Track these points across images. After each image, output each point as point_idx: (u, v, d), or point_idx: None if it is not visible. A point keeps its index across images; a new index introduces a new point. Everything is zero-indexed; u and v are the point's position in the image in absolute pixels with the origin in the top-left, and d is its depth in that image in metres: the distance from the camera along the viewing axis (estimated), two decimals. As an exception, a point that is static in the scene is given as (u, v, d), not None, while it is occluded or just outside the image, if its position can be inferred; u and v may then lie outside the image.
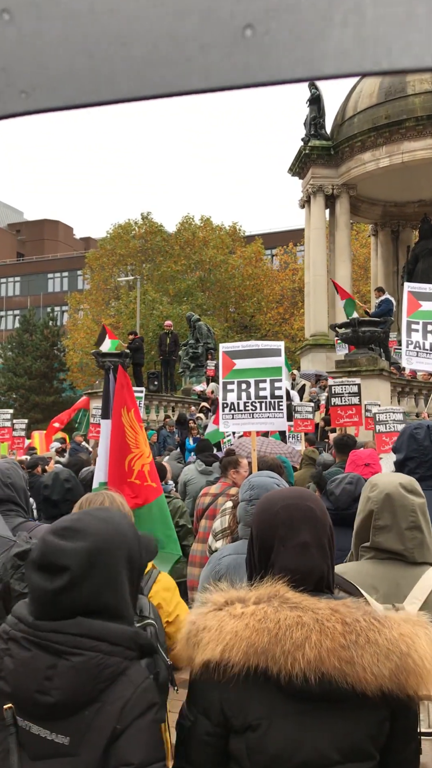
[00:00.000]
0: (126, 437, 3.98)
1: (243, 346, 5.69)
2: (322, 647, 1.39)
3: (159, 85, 0.52)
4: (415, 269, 21.06)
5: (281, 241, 44.40)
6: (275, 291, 39.95)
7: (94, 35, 0.52)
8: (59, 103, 0.53)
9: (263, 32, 0.50)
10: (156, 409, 19.92)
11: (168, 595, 2.63)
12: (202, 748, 1.51)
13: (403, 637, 1.43)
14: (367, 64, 0.50)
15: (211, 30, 0.51)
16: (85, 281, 46.60)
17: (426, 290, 5.62)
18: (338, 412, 9.52)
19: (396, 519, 2.10)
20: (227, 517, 4.64)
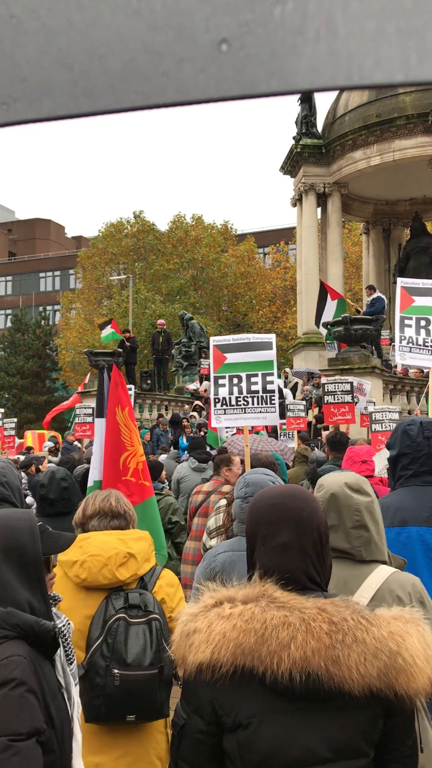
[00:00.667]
0: (121, 435, 4.00)
1: (234, 340, 5.61)
2: (307, 647, 1.40)
3: (136, 98, 0.53)
4: (407, 267, 21.12)
5: (273, 239, 44.43)
6: (267, 289, 39.98)
7: (73, 49, 0.53)
8: (39, 115, 0.55)
9: (238, 47, 0.51)
10: (149, 408, 19.90)
11: (171, 591, 2.66)
12: (195, 746, 1.53)
13: (392, 635, 1.43)
14: (339, 78, 0.51)
15: (187, 44, 0.52)
16: (77, 280, 46.46)
17: (419, 285, 5.60)
18: (331, 410, 9.56)
19: (342, 519, 2.12)
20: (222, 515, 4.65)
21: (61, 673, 1.78)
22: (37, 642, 1.65)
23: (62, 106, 0.54)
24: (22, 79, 0.54)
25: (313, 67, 0.51)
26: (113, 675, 2.39)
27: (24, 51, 0.54)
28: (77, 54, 0.53)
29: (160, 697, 2.44)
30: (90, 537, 2.61)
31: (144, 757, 2.49)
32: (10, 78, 0.54)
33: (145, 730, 2.52)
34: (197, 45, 0.52)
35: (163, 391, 21.32)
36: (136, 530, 2.73)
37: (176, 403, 20.46)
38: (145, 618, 2.48)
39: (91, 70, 0.53)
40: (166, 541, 6.09)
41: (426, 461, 2.83)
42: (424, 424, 2.89)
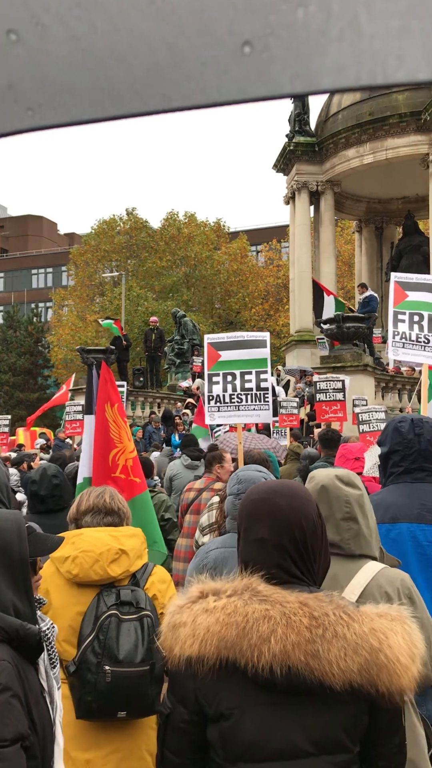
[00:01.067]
0: (110, 432, 3.99)
1: (228, 337, 5.63)
2: (287, 641, 1.40)
3: (160, 102, 0.54)
4: (399, 265, 21.16)
5: (266, 237, 44.43)
6: (260, 287, 39.99)
7: (98, 54, 0.54)
8: (64, 120, 0.55)
9: (261, 49, 0.52)
10: (141, 406, 19.89)
11: (163, 587, 2.66)
12: (179, 735, 1.54)
13: (374, 632, 1.42)
14: (363, 77, 0.51)
15: (211, 47, 0.52)
16: (70, 277, 46.34)
17: (413, 280, 5.56)
18: (323, 407, 9.57)
19: (331, 510, 2.11)
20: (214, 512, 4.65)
21: (44, 676, 1.77)
22: (22, 646, 1.64)
23: (87, 110, 0.55)
24: (48, 84, 0.55)
25: (337, 67, 0.51)
26: (104, 671, 2.39)
27: (50, 57, 0.54)
28: (102, 59, 0.54)
29: (152, 693, 2.45)
30: (82, 533, 2.61)
31: (135, 753, 2.50)
32: (37, 84, 0.55)
33: (136, 726, 2.52)
34: (221, 47, 0.52)
35: (155, 389, 21.30)
36: (129, 527, 2.74)
37: (169, 400, 20.45)
38: (136, 615, 2.48)
39: (116, 75, 0.54)
40: (159, 539, 6.11)
41: (417, 458, 2.84)
42: (415, 421, 2.90)
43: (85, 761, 2.44)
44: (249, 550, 1.57)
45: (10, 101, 0.56)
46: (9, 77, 0.55)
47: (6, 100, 0.56)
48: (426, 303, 5.31)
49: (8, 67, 0.55)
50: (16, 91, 0.56)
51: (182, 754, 1.55)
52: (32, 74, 0.55)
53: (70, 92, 0.55)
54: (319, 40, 0.51)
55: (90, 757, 2.45)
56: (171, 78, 0.53)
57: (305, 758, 1.44)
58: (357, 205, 23.96)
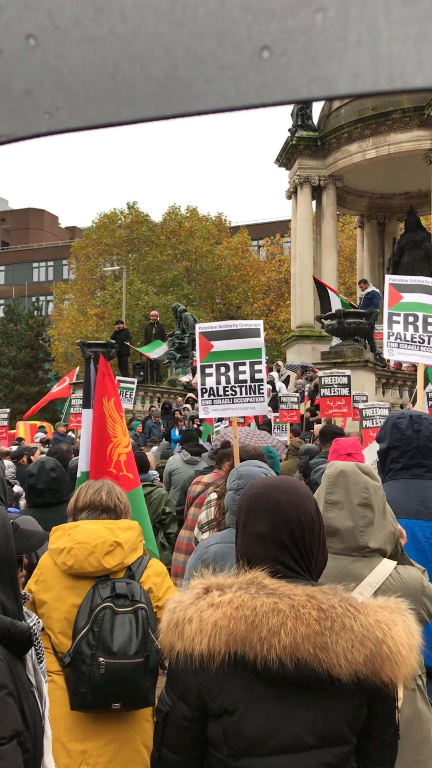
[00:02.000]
0: (107, 427, 3.99)
1: (221, 327, 5.44)
2: (297, 633, 1.41)
3: (178, 105, 0.54)
4: (401, 261, 21.16)
5: (268, 232, 44.37)
6: (261, 282, 39.95)
7: (116, 57, 0.54)
8: (81, 124, 0.56)
9: (280, 53, 0.52)
10: (141, 400, 19.90)
11: (159, 580, 2.68)
12: (179, 732, 1.53)
13: (378, 623, 1.44)
14: (381, 83, 0.51)
15: (229, 51, 0.52)
16: (71, 271, 46.27)
17: (407, 282, 5.59)
18: (327, 403, 9.54)
19: (348, 495, 2.12)
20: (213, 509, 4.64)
21: (32, 672, 1.78)
22: (12, 642, 1.65)
23: (105, 114, 0.55)
24: (66, 88, 0.55)
25: (354, 72, 0.51)
26: (99, 663, 2.41)
27: (67, 61, 0.55)
28: (120, 63, 0.54)
29: (146, 685, 2.47)
30: (78, 525, 2.63)
31: (130, 745, 2.52)
32: (54, 88, 0.55)
33: (131, 718, 2.54)
34: (239, 52, 0.52)
35: (155, 383, 21.31)
36: (125, 520, 2.75)
37: (169, 395, 20.46)
38: (131, 607, 2.50)
39: (134, 79, 0.54)
40: (159, 533, 6.12)
41: (415, 454, 2.85)
42: (414, 418, 2.91)
43: (80, 752, 2.46)
44: (247, 544, 1.57)
45: (28, 105, 0.56)
46: (27, 82, 0.56)
47: (24, 104, 0.56)
48: (421, 304, 5.34)
49: (27, 71, 0.55)
50: (34, 95, 0.56)
51: (182, 751, 1.55)
52: (50, 78, 0.55)
53: (88, 96, 0.55)
54: (337, 45, 0.51)
55: (86, 748, 2.47)
56: (189, 82, 0.53)
57: (308, 751, 1.45)
58: (359, 201, 23.91)
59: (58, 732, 2.47)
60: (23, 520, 3.26)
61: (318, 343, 20.44)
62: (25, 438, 14.36)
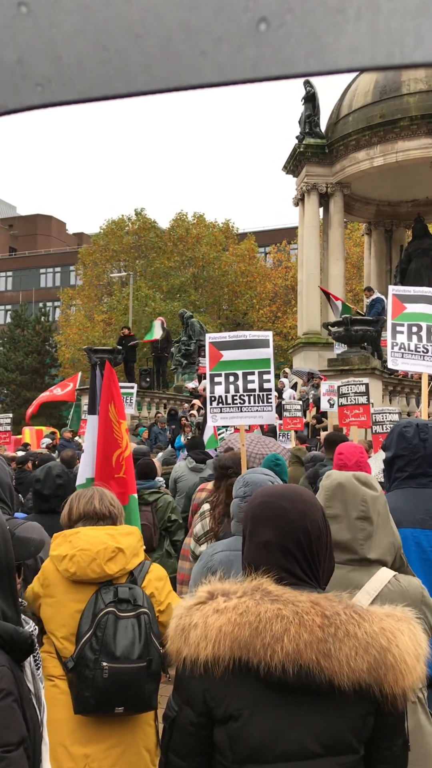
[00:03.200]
0: (114, 432, 4.00)
1: (230, 337, 5.51)
2: (300, 640, 1.40)
3: (172, 79, 0.52)
4: (408, 268, 21.13)
5: (275, 238, 44.41)
6: (268, 288, 39.97)
7: (109, 27, 0.52)
8: (74, 96, 0.54)
9: (277, 26, 0.50)
10: (148, 406, 19.91)
11: (160, 585, 2.69)
12: (186, 738, 1.53)
13: (384, 631, 1.43)
14: (380, 57, 0.50)
15: (225, 23, 0.51)
16: (78, 277, 46.43)
17: (410, 293, 5.62)
18: (344, 411, 9.48)
19: (346, 509, 2.09)
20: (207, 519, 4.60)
21: (30, 678, 1.79)
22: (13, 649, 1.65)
23: (97, 86, 0.53)
24: (57, 58, 0.53)
25: (353, 47, 0.50)
26: (102, 668, 2.43)
27: (60, 30, 0.53)
28: (113, 33, 0.52)
29: (148, 689, 2.48)
30: (79, 531, 2.64)
31: (133, 748, 2.53)
32: (46, 58, 0.53)
33: (133, 722, 2.56)
34: (236, 24, 0.51)
35: (162, 390, 21.33)
36: (125, 525, 2.77)
37: (175, 401, 20.47)
38: (134, 612, 2.52)
39: (127, 50, 0.52)
40: (166, 540, 6.11)
41: (421, 463, 2.84)
42: (420, 426, 2.90)
43: (84, 756, 2.48)
44: (254, 553, 1.57)
45: (19, 76, 0.54)
46: (19, 51, 0.54)
47: (15, 75, 0.54)
48: (424, 314, 5.38)
49: (18, 40, 0.53)
50: (26, 65, 0.54)
51: (189, 757, 1.54)
52: (42, 48, 0.53)
53: (81, 68, 0.53)
54: (336, 19, 0.50)
55: (89, 751, 2.48)
56: (184, 54, 0.52)
57: (313, 759, 1.44)
58: (366, 208, 23.91)
59: (61, 736, 2.48)
60: (29, 526, 3.27)
61: (324, 350, 20.41)
62: (31, 443, 14.38)
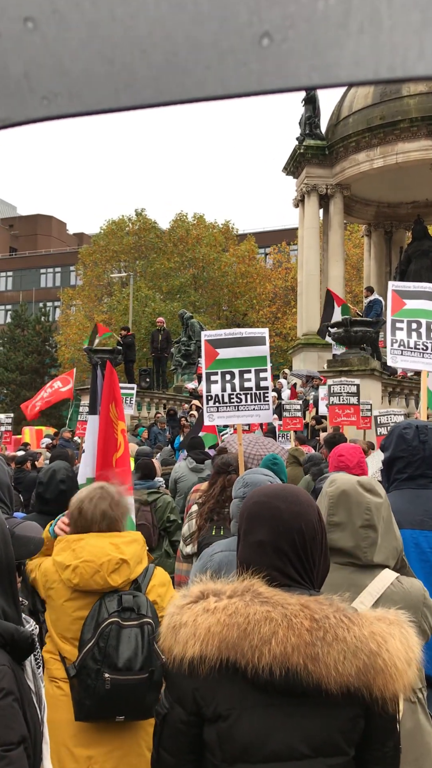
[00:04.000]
0: (114, 432, 4.00)
1: (226, 334, 5.44)
2: (287, 643, 1.40)
3: (177, 92, 0.53)
4: (408, 270, 21.13)
5: (274, 239, 44.41)
6: (268, 289, 39.97)
7: (115, 42, 0.53)
8: (79, 109, 0.55)
9: (280, 40, 0.51)
10: (147, 406, 19.91)
11: (163, 590, 2.67)
12: (176, 735, 1.54)
13: (374, 635, 1.43)
14: (382, 71, 0.51)
15: (229, 38, 0.52)
16: (78, 277, 46.44)
17: (410, 288, 5.56)
18: (336, 411, 9.50)
19: (350, 516, 2.08)
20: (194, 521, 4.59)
21: (31, 677, 1.79)
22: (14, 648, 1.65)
23: (103, 99, 0.54)
24: (64, 72, 0.54)
25: (355, 60, 0.51)
26: (104, 679, 2.41)
27: (66, 45, 0.54)
28: (119, 47, 0.53)
29: (150, 699, 2.46)
30: (83, 539, 2.60)
31: (135, 750, 2.53)
32: (52, 72, 0.54)
33: (136, 725, 2.56)
34: (240, 38, 0.52)
35: (161, 390, 21.32)
36: (129, 532, 2.73)
37: (175, 401, 20.47)
38: (137, 621, 2.49)
39: (133, 64, 0.53)
40: (164, 540, 6.11)
41: (421, 465, 2.84)
42: (420, 428, 2.90)
43: (86, 758, 2.47)
44: (248, 552, 1.58)
45: (26, 90, 0.55)
46: (25, 66, 0.55)
47: (21, 88, 0.55)
48: (424, 311, 5.30)
49: (25, 55, 0.54)
50: (32, 79, 0.55)
51: (179, 754, 1.56)
52: (48, 62, 0.54)
53: (86, 81, 0.54)
54: (339, 33, 0.50)
55: (92, 753, 2.48)
56: (188, 68, 0.52)
57: (301, 760, 1.45)
58: (366, 209, 23.92)
59: (64, 737, 2.48)
60: (27, 526, 3.26)
61: (324, 351, 20.40)
62: (30, 443, 14.38)
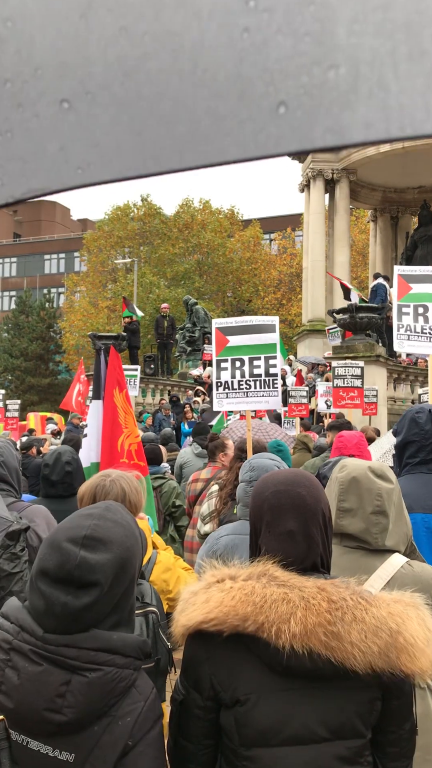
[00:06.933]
0: (118, 417, 4.01)
1: (236, 322, 5.53)
2: (307, 622, 1.40)
3: (200, 158, 0.59)
4: (414, 255, 21.03)
5: (280, 225, 44.21)
6: (273, 276, 39.84)
7: (142, 117, 0.59)
8: (110, 177, 0.61)
9: (295, 107, 0.56)
10: (152, 393, 19.92)
11: (167, 576, 2.66)
12: (193, 721, 1.54)
13: (392, 615, 1.43)
14: (393, 130, 0.55)
15: (248, 108, 0.57)
16: (83, 263, 46.34)
17: (416, 272, 5.56)
18: (340, 393, 9.46)
19: (361, 503, 2.07)
20: (214, 500, 4.63)
21: None
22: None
23: (132, 167, 0.60)
24: (96, 145, 0.61)
25: (367, 122, 0.55)
26: None
27: (98, 121, 0.60)
28: (146, 121, 0.59)
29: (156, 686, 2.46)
30: None
31: None
32: (86, 145, 0.61)
33: None
34: (257, 108, 0.57)
35: (166, 376, 21.33)
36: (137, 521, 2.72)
37: (179, 388, 20.47)
38: (141, 610, 2.48)
39: (158, 135, 0.59)
40: (170, 525, 6.11)
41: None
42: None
43: None
44: (277, 542, 1.55)
45: (62, 161, 0.62)
46: (61, 140, 0.62)
47: (58, 160, 0.62)
48: (430, 294, 5.30)
49: (61, 131, 0.62)
50: (67, 152, 0.62)
51: (196, 740, 1.55)
52: (82, 137, 0.61)
53: (117, 152, 0.60)
54: (350, 98, 0.55)
55: None
56: (210, 137, 0.58)
57: (320, 743, 1.45)
58: (372, 194, 23.75)
59: None
60: (35, 510, 3.26)
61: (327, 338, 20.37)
62: (36, 429, 14.41)
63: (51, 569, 1.40)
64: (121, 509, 1.55)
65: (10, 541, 2.48)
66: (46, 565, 1.41)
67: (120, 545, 1.44)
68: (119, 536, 1.46)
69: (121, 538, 1.45)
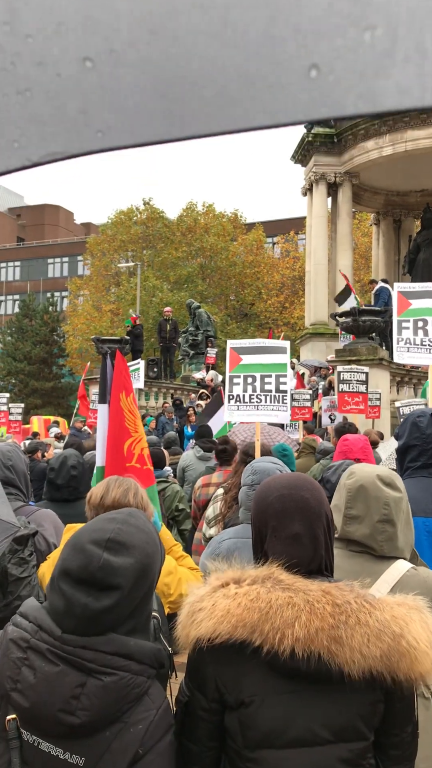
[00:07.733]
0: (125, 422, 4.00)
1: (250, 343, 5.83)
2: (311, 626, 1.41)
3: (226, 123, 0.55)
4: (417, 259, 21.00)
5: (282, 228, 44.20)
6: (275, 279, 39.82)
7: (168, 78, 0.56)
8: (131, 141, 0.58)
9: (328, 71, 0.53)
10: (155, 396, 19.93)
11: (168, 579, 2.65)
12: (198, 723, 1.55)
13: (395, 619, 1.44)
14: (427, 98, 0.52)
15: (278, 71, 0.54)
16: (86, 267, 46.41)
17: (416, 289, 5.75)
18: (345, 398, 9.46)
19: (368, 510, 2.08)
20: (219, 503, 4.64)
21: None
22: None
23: (155, 132, 0.57)
24: (118, 107, 0.57)
25: (401, 88, 0.52)
26: None
27: (121, 82, 0.57)
28: (172, 83, 0.56)
29: None
30: None
31: None
32: (108, 108, 0.58)
33: None
34: (288, 71, 0.54)
35: (169, 380, 21.34)
36: None
37: (182, 391, 20.47)
38: None
39: (185, 98, 0.56)
40: (172, 529, 6.12)
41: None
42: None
43: None
44: (283, 546, 1.56)
45: (82, 124, 0.58)
46: (82, 102, 0.58)
47: (78, 123, 0.58)
48: (429, 309, 5.48)
49: (82, 92, 0.58)
50: (88, 114, 0.58)
51: (200, 741, 1.56)
52: (104, 99, 0.57)
53: (139, 115, 0.57)
54: (384, 62, 0.52)
55: None
56: (238, 100, 0.54)
57: (323, 746, 1.46)
58: (375, 198, 23.75)
59: None
60: (44, 514, 3.28)
61: (332, 340, 20.34)
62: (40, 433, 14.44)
63: (74, 570, 1.40)
64: (142, 516, 1.56)
65: (18, 546, 2.50)
66: (69, 566, 1.42)
67: (142, 551, 1.45)
68: (141, 542, 1.46)
69: (143, 544, 1.46)
